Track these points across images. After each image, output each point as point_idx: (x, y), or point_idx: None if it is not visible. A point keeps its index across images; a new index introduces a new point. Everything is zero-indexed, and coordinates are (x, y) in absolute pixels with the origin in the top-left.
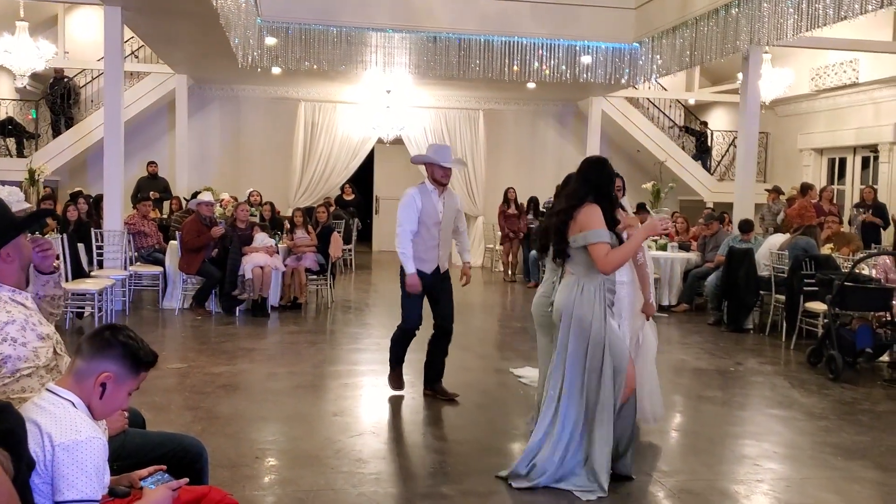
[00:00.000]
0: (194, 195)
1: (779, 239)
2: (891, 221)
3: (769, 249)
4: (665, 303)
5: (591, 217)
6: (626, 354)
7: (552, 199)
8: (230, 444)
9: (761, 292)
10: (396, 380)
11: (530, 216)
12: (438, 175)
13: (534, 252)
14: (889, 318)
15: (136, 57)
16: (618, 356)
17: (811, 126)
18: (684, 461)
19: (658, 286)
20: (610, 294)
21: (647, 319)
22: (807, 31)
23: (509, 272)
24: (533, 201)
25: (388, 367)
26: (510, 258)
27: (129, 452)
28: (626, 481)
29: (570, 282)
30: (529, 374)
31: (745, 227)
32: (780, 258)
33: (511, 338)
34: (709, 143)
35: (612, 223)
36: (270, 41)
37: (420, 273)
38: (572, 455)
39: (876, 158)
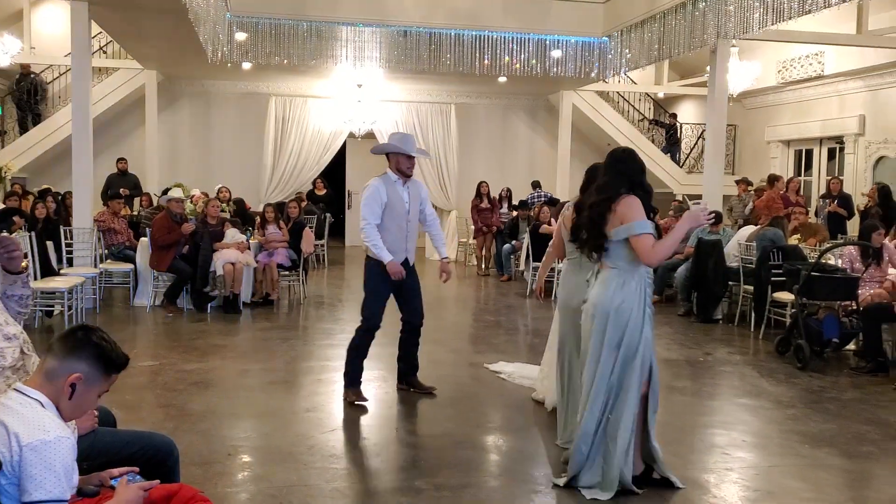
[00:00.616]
0: (165, 192)
1: (747, 230)
2: (855, 212)
3: (738, 241)
4: None
5: (633, 208)
6: (652, 356)
7: (542, 193)
8: (202, 442)
9: (730, 283)
10: (359, 395)
11: (504, 209)
12: (404, 166)
13: (507, 245)
14: (855, 308)
15: (105, 52)
16: (649, 356)
17: (778, 118)
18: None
19: None
20: (649, 289)
21: None
22: (772, 24)
23: (482, 266)
24: (507, 193)
25: (345, 382)
26: (483, 252)
27: (98, 451)
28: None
29: (609, 276)
30: (505, 368)
31: (714, 218)
32: (748, 249)
33: (484, 332)
34: (678, 136)
35: (650, 214)
36: (240, 36)
37: (378, 265)
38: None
39: (841, 150)
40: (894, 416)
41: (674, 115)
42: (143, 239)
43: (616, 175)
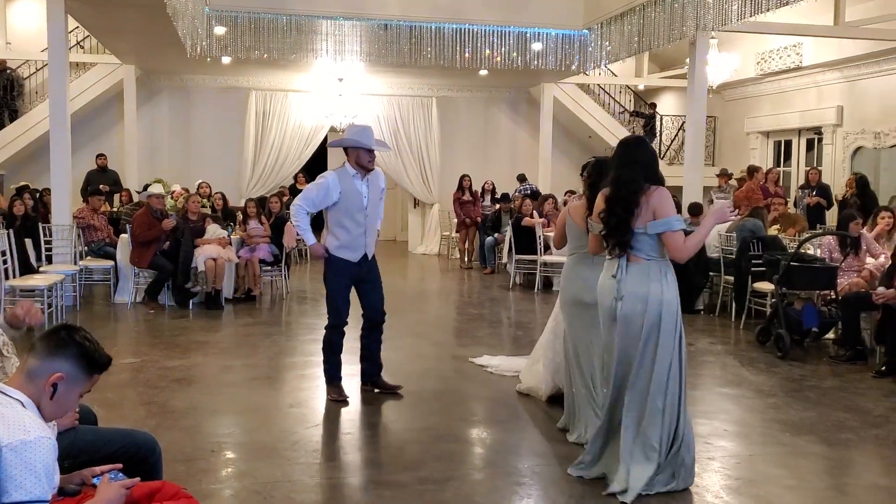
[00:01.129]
0: (145, 187)
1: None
2: (834, 202)
3: (718, 232)
4: None
5: (666, 202)
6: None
7: (528, 186)
8: (185, 439)
9: (711, 274)
10: (339, 391)
11: (486, 202)
12: (365, 160)
13: (490, 238)
14: (833, 297)
15: (82, 47)
16: (683, 359)
17: (757, 110)
18: None
19: None
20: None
21: None
22: (751, 16)
23: (465, 259)
24: (492, 187)
25: (325, 380)
26: (466, 245)
27: (80, 450)
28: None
29: (646, 268)
30: (491, 361)
31: (695, 210)
32: (729, 240)
33: (468, 325)
34: (656, 126)
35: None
36: (219, 30)
37: (346, 262)
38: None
39: (820, 140)
40: (873, 403)
41: (653, 105)
42: (123, 235)
43: (633, 164)
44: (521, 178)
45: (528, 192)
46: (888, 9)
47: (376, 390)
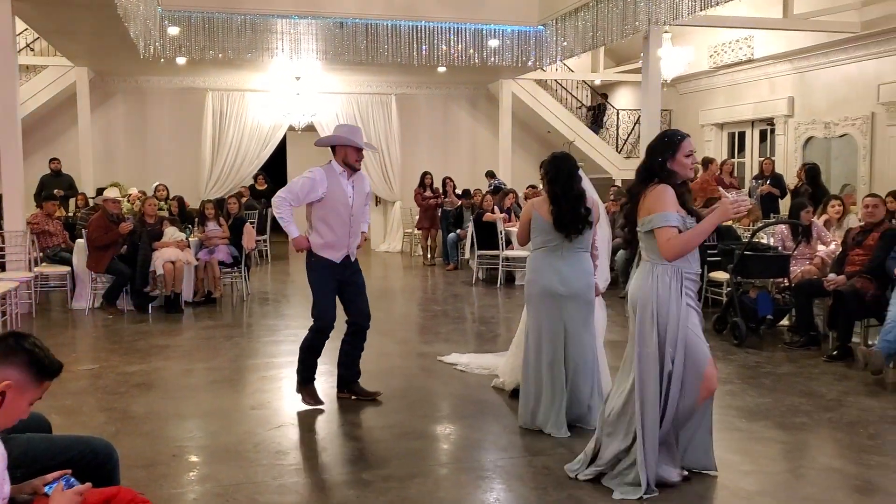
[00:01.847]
0: (100, 192)
1: None
2: (787, 191)
3: None
4: None
5: (658, 199)
6: (705, 354)
7: (499, 182)
8: (146, 444)
9: None
10: (313, 395)
11: (452, 195)
12: (352, 159)
13: (452, 235)
14: (787, 285)
15: (32, 50)
16: (693, 356)
17: (711, 102)
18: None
19: None
20: (690, 283)
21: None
22: (701, 10)
23: (428, 256)
24: (452, 184)
25: (298, 383)
26: (429, 242)
27: (33, 458)
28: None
29: (644, 269)
30: (460, 359)
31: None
32: None
33: (431, 322)
34: (605, 117)
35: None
36: (173, 31)
37: (328, 262)
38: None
39: (772, 131)
40: (826, 387)
41: (604, 95)
42: (79, 240)
43: (647, 157)
44: (491, 175)
45: (495, 187)
46: (835, 1)
47: (353, 397)
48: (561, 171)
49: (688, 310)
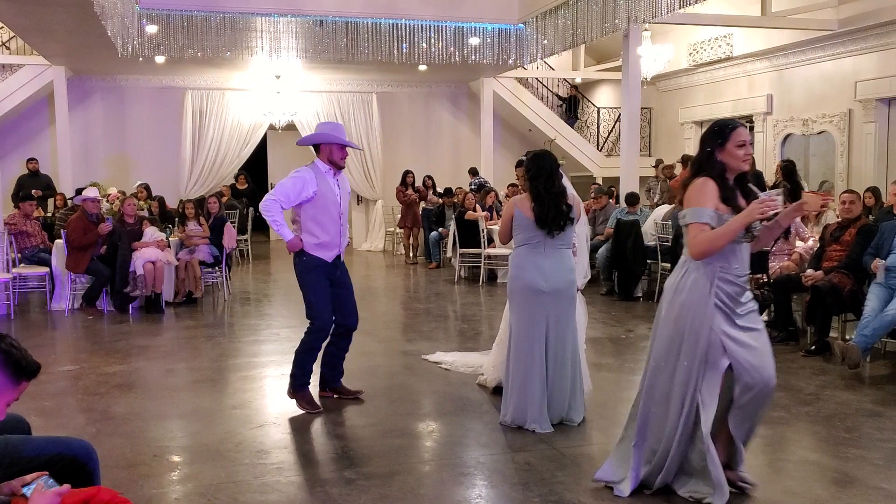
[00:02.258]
0: (78, 192)
1: (663, 210)
2: (766, 189)
3: (654, 220)
4: None
5: (695, 194)
6: (741, 365)
7: (481, 180)
8: (127, 444)
9: (648, 261)
10: (310, 400)
11: (431, 195)
12: (337, 157)
13: (434, 233)
14: (766, 280)
15: (8, 48)
16: (714, 363)
17: (691, 100)
18: (579, 427)
19: None
20: (727, 285)
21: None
22: (680, 8)
23: (410, 255)
24: (431, 182)
25: (294, 388)
26: (411, 240)
27: (11, 460)
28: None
29: (679, 264)
30: (445, 358)
31: (631, 199)
32: (665, 228)
33: (414, 320)
34: (579, 109)
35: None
36: (151, 29)
37: (321, 261)
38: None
39: (751, 128)
40: (804, 381)
41: (575, 87)
42: (58, 241)
43: (699, 148)
44: (473, 172)
45: (475, 186)
46: None
47: (336, 396)
48: (542, 169)
49: (714, 311)
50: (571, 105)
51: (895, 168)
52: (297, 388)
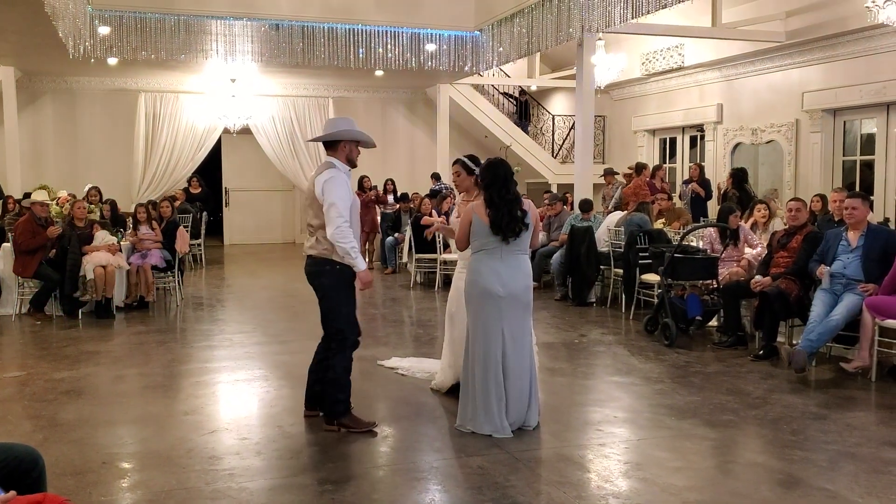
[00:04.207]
0: (27, 195)
1: (615, 216)
2: (713, 193)
3: (607, 226)
4: None
5: None
6: None
7: (444, 185)
8: (75, 451)
9: (602, 267)
10: (362, 419)
11: (391, 199)
12: (355, 155)
13: (390, 238)
14: (715, 286)
15: None
16: None
17: (643, 108)
18: (533, 431)
19: None
20: None
21: None
22: (633, 18)
23: (367, 259)
24: (393, 186)
25: (340, 415)
26: (367, 246)
27: None
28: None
29: None
30: (401, 364)
31: (585, 206)
32: (617, 234)
33: (369, 325)
34: (529, 111)
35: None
36: (103, 30)
37: (350, 270)
38: None
39: (702, 137)
40: (752, 385)
41: (523, 91)
42: (5, 244)
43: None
44: (436, 177)
45: (432, 191)
46: (761, 11)
47: (322, 414)
48: (497, 177)
49: None
50: (523, 109)
51: (840, 177)
52: (344, 413)
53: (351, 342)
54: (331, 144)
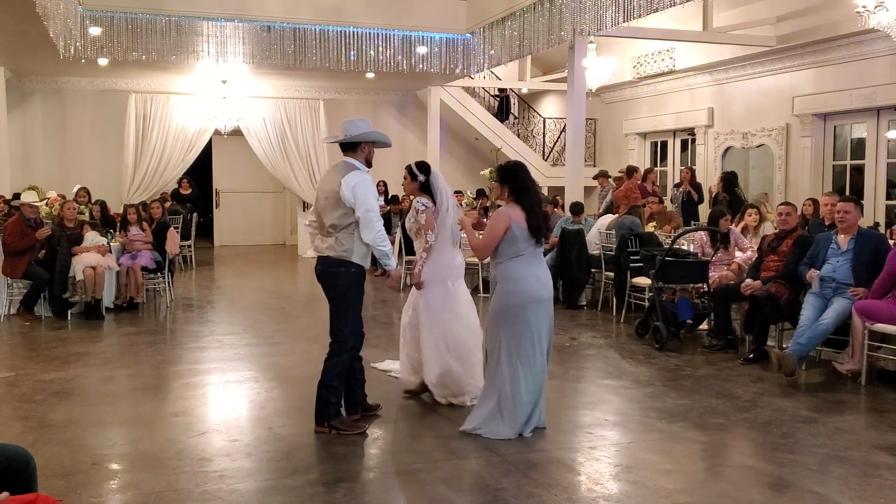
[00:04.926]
0: (17, 196)
1: (607, 219)
2: (705, 196)
3: (598, 229)
4: None
5: None
6: None
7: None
8: (65, 452)
9: (592, 270)
10: (354, 421)
11: (382, 201)
12: (372, 156)
13: None
14: (706, 290)
15: None
16: None
17: (635, 112)
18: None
19: None
20: None
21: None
22: (624, 21)
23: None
24: (384, 188)
25: (330, 418)
26: None
27: None
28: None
29: None
30: (393, 366)
31: (576, 209)
32: (609, 237)
33: None
34: (511, 109)
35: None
36: (94, 31)
37: (364, 271)
38: None
39: (693, 141)
40: (742, 389)
41: (503, 90)
42: None
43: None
44: None
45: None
46: (752, 15)
47: (362, 412)
48: (529, 180)
49: None
50: (504, 105)
51: (830, 181)
52: (335, 415)
53: (349, 346)
54: (350, 145)
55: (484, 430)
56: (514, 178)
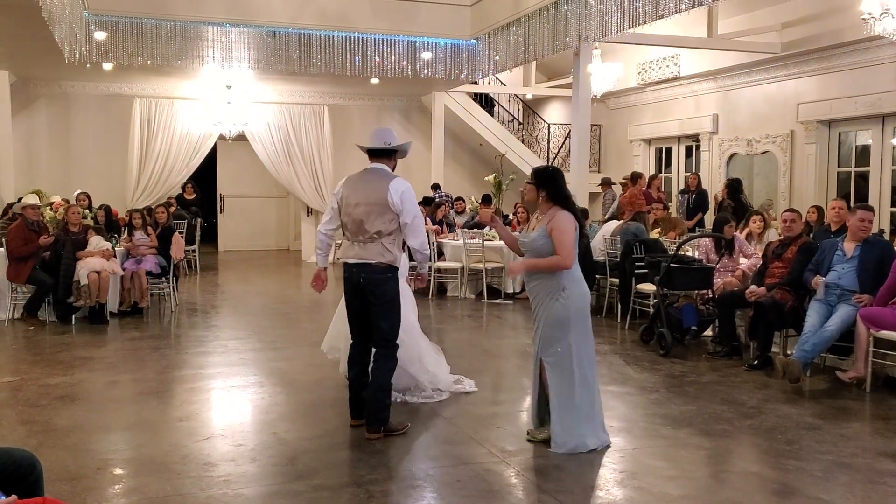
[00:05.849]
0: (19, 200)
1: (611, 225)
2: (709, 205)
3: (603, 235)
4: (510, 290)
5: None
6: None
7: (443, 194)
8: (69, 457)
9: (597, 276)
10: (398, 422)
11: None
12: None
13: None
14: (710, 296)
15: None
16: None
17: (639, 118)
18: (528, 440)
19: (502, 274)
20: None
21: None
22: (629, 28)
23: None
24: None
25: (386, 421)
26: None
27: None
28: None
29: None
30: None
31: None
32: (613, 244)
33: None
34: (495, 105)
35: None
36: (99, 35)
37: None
38: None
39: (698, 147)
40: (747, 395)
41: (486, 95)
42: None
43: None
44: (436, 187)
45: (448, 199)
46: (757, 22)
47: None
48: (566, 187)
49: None
50: (487, 101)
51: (835, 188)
52: (388, 420)
53: (397, 347)
54: (384, 153)
55: (573, 444)
56: (553, 183)
